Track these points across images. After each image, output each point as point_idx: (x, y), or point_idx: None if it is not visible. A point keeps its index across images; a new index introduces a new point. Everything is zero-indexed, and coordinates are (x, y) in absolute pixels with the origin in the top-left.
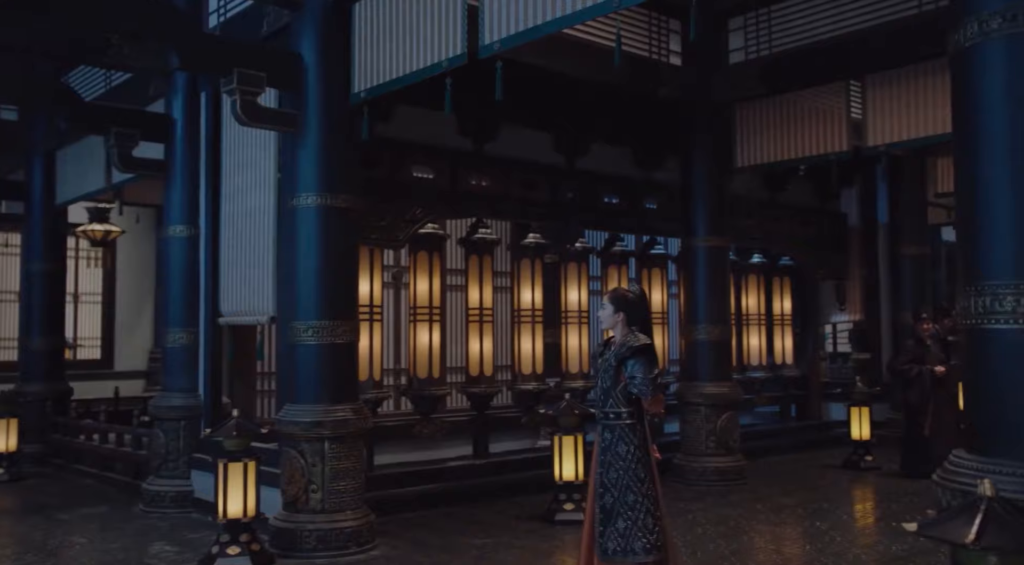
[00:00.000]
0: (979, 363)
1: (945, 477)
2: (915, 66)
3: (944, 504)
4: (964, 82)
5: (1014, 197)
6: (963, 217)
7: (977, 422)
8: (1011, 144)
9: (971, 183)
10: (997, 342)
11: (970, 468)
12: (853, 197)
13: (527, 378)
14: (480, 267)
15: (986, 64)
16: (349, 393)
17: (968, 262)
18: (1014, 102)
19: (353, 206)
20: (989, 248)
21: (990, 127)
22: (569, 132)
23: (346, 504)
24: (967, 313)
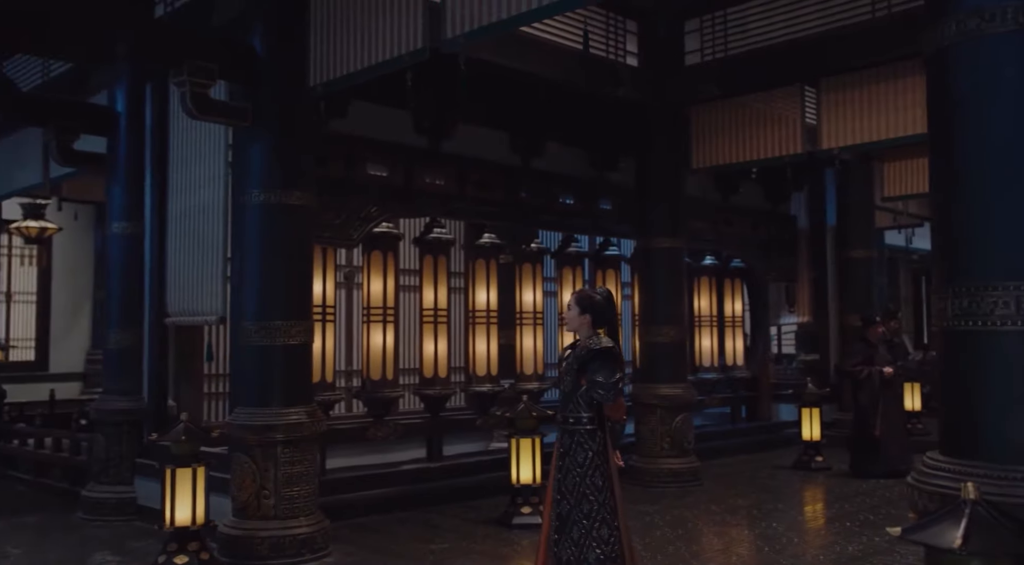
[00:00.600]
0: (956, 365)
1: (921, 479)
2: (868, 70)
3: (921, 507)
4: (941, 82)
5: (993, 198)
6: (939, 218)
7: (953, 424)
8: (989, 144)
9: (948, 184)
10: (975, 344)
11: (947, 470)
12: (802, 201)
13: (482, 380)
14: (435, 267)
15: (964, 64)
16: (303, 395)
17: (945, 263)
18: (993, 101)
19: (307, 203)
20: (967, 249)
21: (968, 127)
22: (525, 132)
23: (300, 510)
24: (943, 315)
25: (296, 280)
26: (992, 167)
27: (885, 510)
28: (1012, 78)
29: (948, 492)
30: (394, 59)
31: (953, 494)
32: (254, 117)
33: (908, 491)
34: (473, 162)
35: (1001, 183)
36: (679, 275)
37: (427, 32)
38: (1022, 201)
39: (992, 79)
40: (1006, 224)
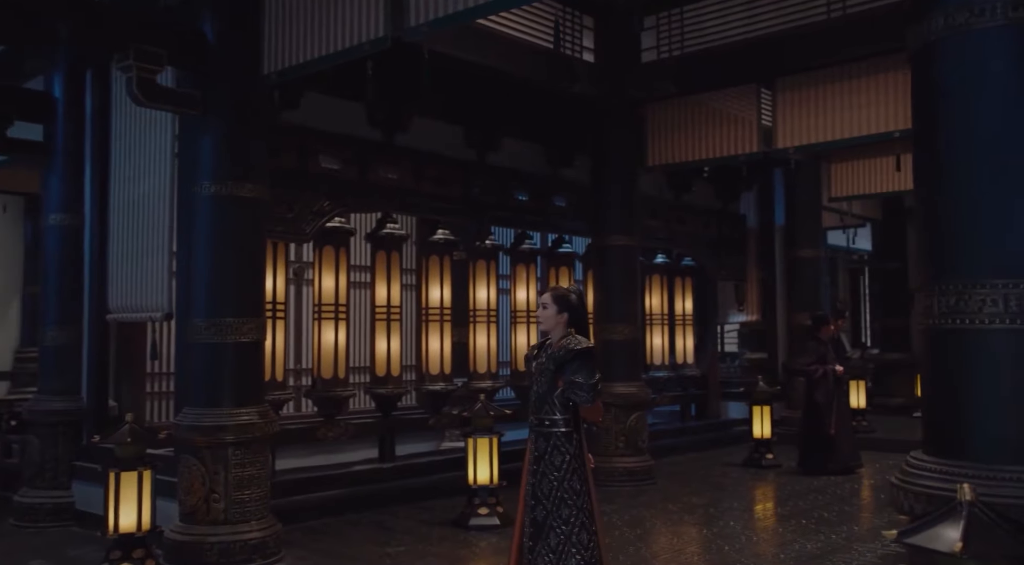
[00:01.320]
0: (942, 364)
1: (906, 480)
2: (824, 70)
3: (907, 508)
4: (927, 76)
5: (981, 194)
6: (924, 214)
7: (938, 424)
8: (977, 139)
9: (933, 180)
10: (963, 342)
11: (935, 471)
12: (751, 200)
13: (435, 378)
14: (388, 263)
15: (951, 58)
16: (254, 395)
17: (931, 260)
18: (980, 96)
19: (260, 196)
20: (954, 246)
21: (955, 122)
22: (481, 126)
23: (251, 514)
24: (929, 313)
25: (248, 275)
26: (979, 162)
27: (838, 507)
28: (1000, 72)
29: (936, 493)
30: (354, 47)
31: (942, 495)
32: (204, 105)
33: (892, 491)
34: (428, 156)
35: (989, 179)
36: (634, 273)
37: (389, 20)
38: (1010, 197)
39: (980, 73)
40: (994, 221)
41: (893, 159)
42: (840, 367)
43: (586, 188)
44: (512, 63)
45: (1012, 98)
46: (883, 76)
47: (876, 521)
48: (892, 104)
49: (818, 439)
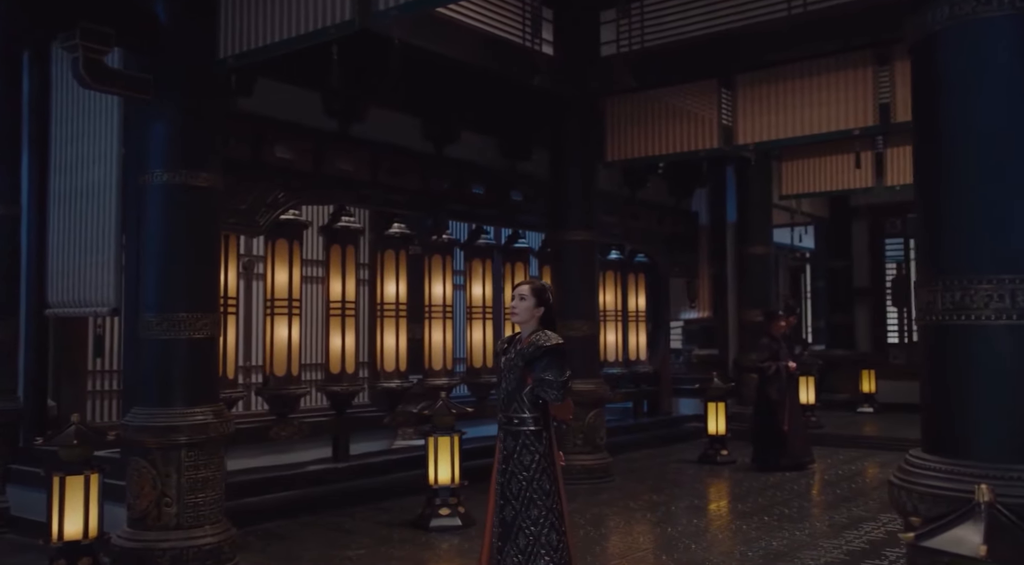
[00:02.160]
0: (945, 360)
1: (908, 479)
2: (784, 67)
3: (911, 508)
4: (928, 67)
5: (988, 187)
6: (927, 210)
7: (941, 422)
8: (982, 130)
9: (938, 174)
10: (967, 339)
11: (939, 470)
12: (703, 197)
13: (390, 375)
14: (343, 257)
15: (955, 48)
16: (209, 394)
17: (934, 255)
18: (984, 87)
19: (214, 185)
20: (959, 241)
21: (958, 114)
22: (439, 118)
23: (205, 518)
24: (931, 309)
25: (202, 269)
26: (984, 155)
27: (797, 503)
28: (1006, 64)
29: (943, 493)
30: (319, 31)
31: (949, 495)
32: (157, 90)
33: (891, 491)
34: (385, 148)
35: (995, 172)
36: (592, 269)
37: (356, 3)
38: (1015, 191)
39: (985, 65)
40: (1001, 215)
41: (843, 157)
42: (793, 364)
43: (543, 182)
44: (473, 54)
45: (1018, 90)
46: (844, 73)
47: (836, 517)
48: (853, 101)
49: (771, 435)
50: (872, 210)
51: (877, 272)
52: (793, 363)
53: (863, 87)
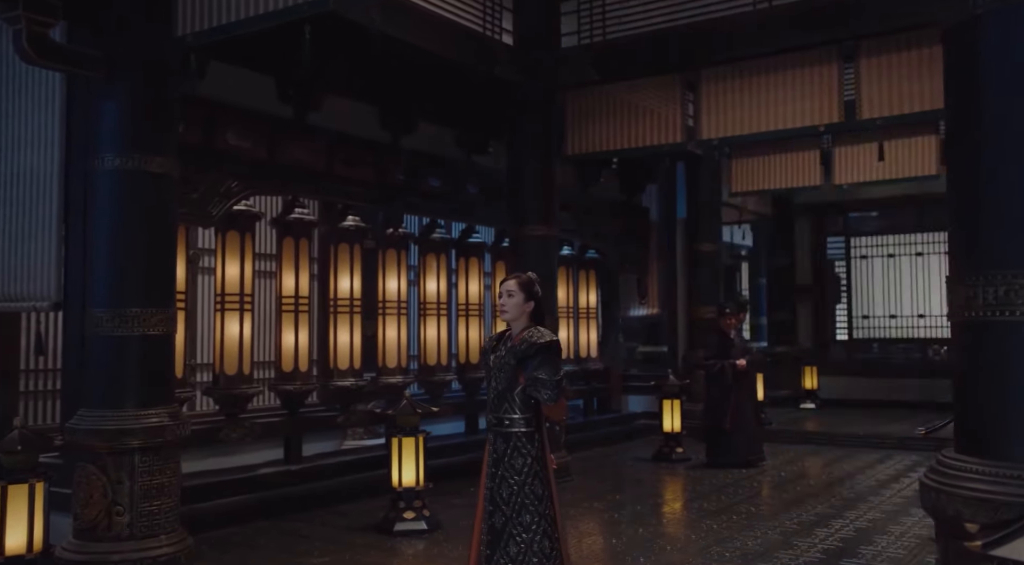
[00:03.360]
0: (986, 358)
1: (946, 482)
2: (749, 62)
3: (952, 512)
4: (967, 55)
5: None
6: (964, 203)
7: (981, 422)
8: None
9: (976, 165)
10: (1012, 334)
11: (982, 473)
12: (654, 193)
13: (344, 373)
14: (296, 251)
15: (999, 34)
16: (164, 394)
17: (974, 250)
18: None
19: (170, 171)
20: (1007, 234)
21: (1003, 103)
22: (397, 107)
23: (160, 527)
24: (971, 304)
25: (157, 261)
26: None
27: (762, 501)
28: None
29: (988, 497)
30: (289, 9)
31: (995, 499)
32: (108, 67)
33: (926, 493)
34: (341, 137)
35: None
36: (552, 264)
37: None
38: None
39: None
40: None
41: (792, 156)
42: (742, 361)
43: (500, 176)
44: (432, 41)
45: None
46: (809, 69)
47: (804, 515)
48: (818, 97)
49: (719, 433)
50: (814, 209)
51: (819, 270)
52: (743, 361)
53: (828, 83)
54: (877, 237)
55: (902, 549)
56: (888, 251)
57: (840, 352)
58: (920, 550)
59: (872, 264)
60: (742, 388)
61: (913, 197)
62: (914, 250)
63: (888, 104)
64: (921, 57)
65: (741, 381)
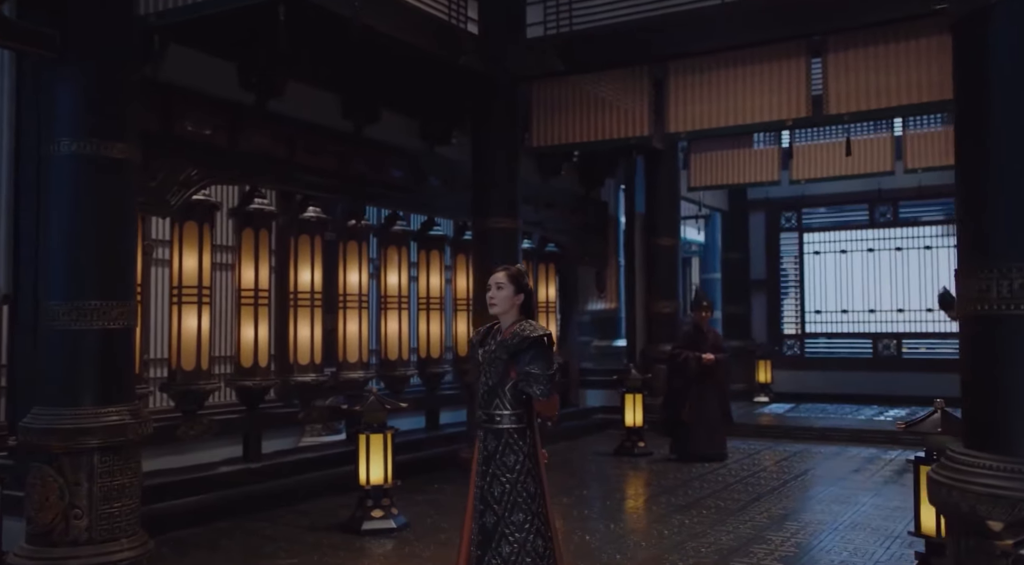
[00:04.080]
0: (998, 352)
1: (960, 478)
2: (718, 56)
3: (965, 508)
4: (979, 45)
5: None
6: (975, 195)
7: (992, 417)
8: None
9: (991, 156)
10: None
11: (998, 470)
12: (613, 187)
13: (304, 369)
14: (256, 242)
15: (1013, 24)
16: (124, 391)
17: (988, 241)
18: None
19: (131, 157)
20: (1019, 227)
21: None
22: (360, 96)
23: (121, 530)
24: (983, 297)
25: (119, 252)
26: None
27: (728, 495)
28: None
29: (1004, 493)
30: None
31: (1011, 496)
32: (64, 47)
33: (936, 489)
34: (304, 125)
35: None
36: (516, 257)
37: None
38: None
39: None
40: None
41: (749, 151)
42: (709, 356)
43: (463, 167)
44: (399, 28)
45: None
46: (777, 63)
47: (772, 509)
48: (786, 92)
49: (678, 425)
50: (769, 204)
51: (773, 265)
52: (709, 355)
53: (796, 78)
54: (829, 233)
55: (872, 542)
56: (840, 247)
57: (793, 346)
58: (892, 543)
59: (824, 259)
60: (706, 382)
61: (865, 194)
62: (865, 246)
63: (856, 99)
64: (888, 52)
65: (707, 375)
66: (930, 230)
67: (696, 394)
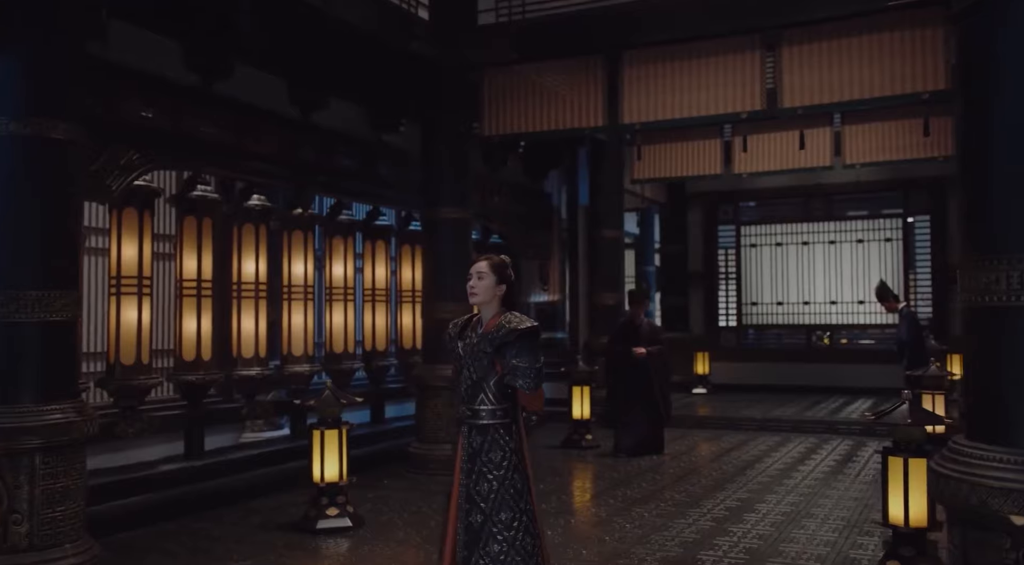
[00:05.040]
0: (1007, 344)
1: (968, 471)
2: (674, 46)
3: (975, 501)
4: (982, 37)
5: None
6: (982, 185)
7: (1000, 410)
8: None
9: (986, 145)
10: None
11: (1007, 462)
12: (556, 179)
13: (248, 362)
14: (199, 231)
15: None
16: (68, 387)
17: (994, 234)
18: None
19: (76, 139)
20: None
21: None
22: (308, 80)
23: (64, 536)
24: (990, 289)
25: (60, 239)
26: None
27: (682, 487)
28: None
29: (1016, 486)
30: None
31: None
32: (3, 20)
33: (940, 482)
34: (251, 110)
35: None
36: (467, 248)
37: None
38: None
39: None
40: None
41: (692, 144)
42: (641, 350)
43: (411, 156)
44: (351, 11)
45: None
46: (732, 56)
47: (727, 501)
48: (740, 85)
49: (618, 418)
50: (707, 197)
51: (710, 257)
52: (641, 349)
53: (751, 71)
54: (766, 226)
55: (832, 531)
56: (776, 240)
57: (730, 338)
58: (850, 532)
59: (761, 252)
60: (637, 376)
61: (800, 188)
62: (800, 239)
63: (809, 93)
64: (841, 47)
65: (640, 369)
66: (862, 224)
67: (630, 389)
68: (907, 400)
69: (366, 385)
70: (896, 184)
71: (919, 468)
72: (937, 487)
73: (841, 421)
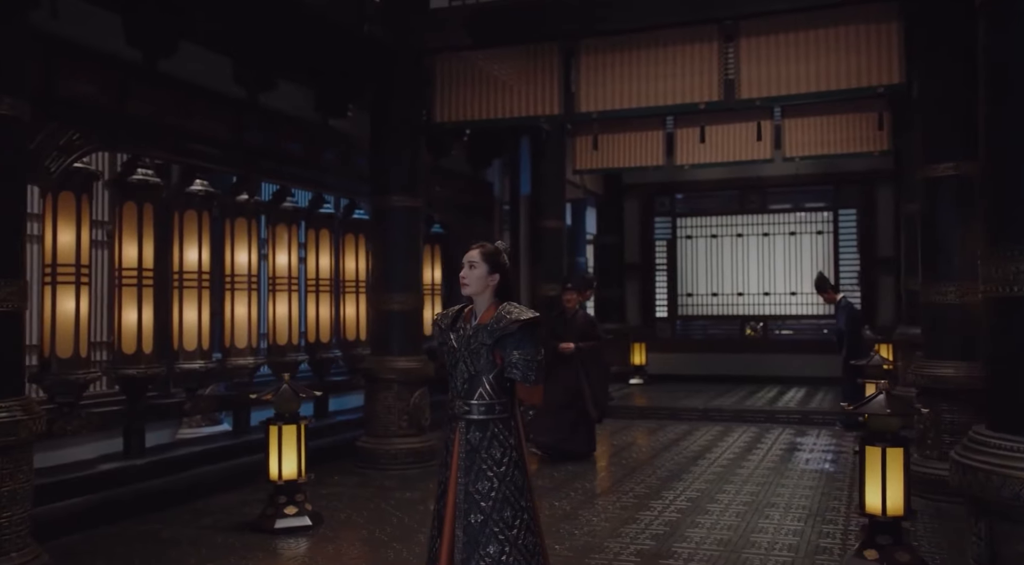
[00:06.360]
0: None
1: (998, 463)
2: (631, 36)
3: (1006, 494)
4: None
5: None
6: (1005, 175)
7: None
8: None
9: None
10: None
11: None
12: (498, 168)
13: (191, 355)
14: (139, 217)
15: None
16: (14, 383)
17: (1016, 224)
18: None
19: (20, 114)
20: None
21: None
22: (253, 60)
23: (11, 543)
24: (1014, 279)
25: (5, 222)
26: None
27: (640, 480)
28: None
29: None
30: None
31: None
32: None
33: (965, 473)
34: (198, 90)
35: None
36: (417, 237)
37: None
38: None
39: None
40: None
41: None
42: (567, 345)
43: (357, 142)
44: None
45: None
46: (690, 46)
47: (688, 492)
48: (698, 75)
49: None
50: (644, 188)
51: (646, 248)
52: (568, 344)
53: (709, 62)
54: (701, 218)
55: (797, 520)
56: (711, 232)
57: (666, 329)
58: (814, 521)
59: (696, 244)
60: (565, 373)
61: (736, 180)
62: (735, 231)
63: (767, 85)
64: (799, 40)
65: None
66: (795, 216)
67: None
68: (885, 390)
69: (310, 377)
70: (828, 179)
71: (896, 457)
72: (964, 479)
73: (780, 410)
